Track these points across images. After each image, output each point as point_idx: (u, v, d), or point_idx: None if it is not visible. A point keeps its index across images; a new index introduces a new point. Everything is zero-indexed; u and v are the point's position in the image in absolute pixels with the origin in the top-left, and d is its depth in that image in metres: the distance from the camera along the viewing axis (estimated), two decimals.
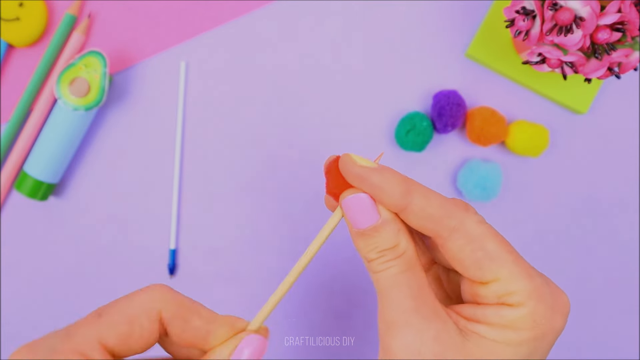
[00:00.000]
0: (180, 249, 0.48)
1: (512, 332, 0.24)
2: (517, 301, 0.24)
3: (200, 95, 0.48)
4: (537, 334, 0.24)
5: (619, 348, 0.48)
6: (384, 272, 0.26)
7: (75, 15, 0.47)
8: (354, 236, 0.27)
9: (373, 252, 0.26)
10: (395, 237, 0.26)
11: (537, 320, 0.24)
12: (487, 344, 0.24)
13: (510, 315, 0.24)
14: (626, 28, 0.35)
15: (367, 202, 0.26)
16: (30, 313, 0.48)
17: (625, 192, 0.48)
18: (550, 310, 0.25)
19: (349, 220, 0.27)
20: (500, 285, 0.25)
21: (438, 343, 0.24)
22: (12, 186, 0.48)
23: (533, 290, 0.24)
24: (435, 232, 0.25)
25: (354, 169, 0.26)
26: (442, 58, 0.48)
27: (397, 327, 0.25)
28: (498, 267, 0.25)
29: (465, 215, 0.25)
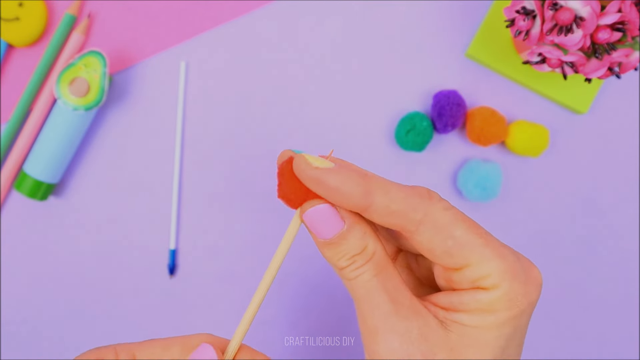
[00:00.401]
0: (180, 249, 0.48)
1: (491, 315, 0.24)
2: (492, 283, 0.24)
3: (200, 95, 0.48)
4: (516, 312, 0.24)
5: (619, 348, 0.48)
6: (357, 279, 0.25)
7: (75, 15, 0.47)
8: (319, 246, 0.26)
9: (343, 259, 0.25)
10: (363, 241, 0.25)
11: (513, 299, 0.24)
12: (469, 332, 0.24)
13: (487, 298, 0.24)
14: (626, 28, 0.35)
15: (329, 211, 0.25)
16: (30, 313, 0.48)
17: (625, 192, 0.48)
18: (524, 285, 0.24)
19: (312, 232, 0.25)
20: (472, 270, 0.24)
21: (423, 341, 0.24)
22: (11, 186, 0.47)
23: (506, 270, 0.24)
24: (401, 226, 0.24)
25: (308, 171, 0.24)
26: (442, 58, 0.48)
27: (380, 333, 0.24)
28: (468, 252, 0.24)
29: (429, 205, 0.24)
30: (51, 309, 0.48)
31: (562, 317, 0.48)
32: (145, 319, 0.48)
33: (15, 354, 0.48)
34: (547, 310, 0.48)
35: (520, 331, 0.25)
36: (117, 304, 0.48)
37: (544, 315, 0.48)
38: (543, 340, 0.48)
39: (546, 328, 0.48)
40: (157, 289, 0.48)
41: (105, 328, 0.48)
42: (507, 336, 0.24)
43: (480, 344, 0.24)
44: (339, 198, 0.24)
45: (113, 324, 0.48)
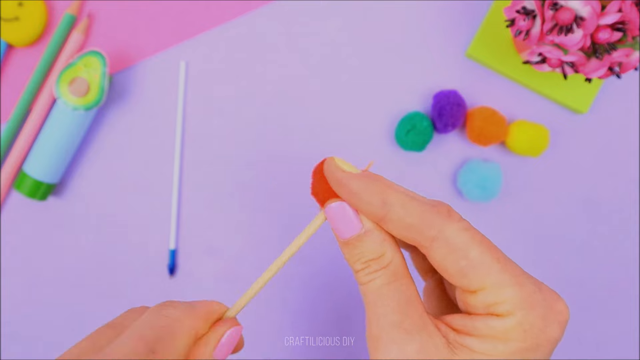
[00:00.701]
0: (180, 249, 0.48)
1: (501, 344, 0.23)
2: (506, 310, 0.23)
3: (200, 95, 0.48)
4: (530, 345, 0.23)
5: (619, 348, 0.48)
6: (370, 283, 0.25)
7: (74, 15, 0.47)
8: (340, 245, 0.27)
9: (358, 262, 0.26)
10: (380, 247, 0.25)
11: (527, 330, 0.23)
12: (475, 357, 0.24)
13: (499, 325, 0.23)
14: (627, 28, 0.35)
15: (349, 211, 0.26)
16: (30, 313, 0.48)
17: (625, 192, 0.48)
18: (543, 319, 0.23)
19: (333, 230, 0.26)
20: (487, 295, 0.24)
21: (421, 357, 0.24)
22: (11, 186, 0.47)
23: (523, 299, 0.23)
24: (417, 241, 0.25)
25: (335, 173, 0.26)
26: (442, 58, 0.48)
27: (381, 342, 0.24)
28: (483, 275, 0.24)
29: (446, 223, 0.24)
30: (51, 309, 0.48)
31: None
32: None
33: (15, 354, 0.48)
34: None
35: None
36: (117, 304, 0.48)
37: None
38: None
39: None
40: (157, 289, 0.48)
41: None
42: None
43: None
44: (358, 203, 0.25)
45: None
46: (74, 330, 0.48)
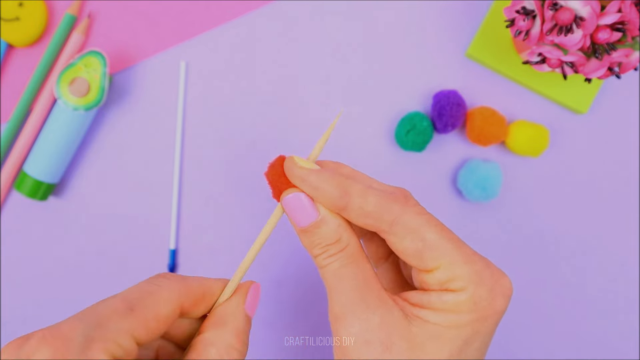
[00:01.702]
0: (180, 249, 0.48)
1: (454, 315, 0.25)
2: (459, 286, 0.26)
3: (200, 95, 0.48)
4: (479, 316, 0.26)
5: (619, 348, 0.48)
6: (329, 266, 0.27)
7: (75, 15, 0.47)
8: (298, 234, 0.28)
9: (317, 248, 0.27)
10: (336, 232, 0.27)
11: (477, 303, 0.25)
12: (430, 327, 0.26)
13: (452, 299, 0.26)
14: (626, 28, 0.35)
15: (305, 200, 0.27)
16: (30, 313, 0.48)
17: (625, 192, 0.48)
18: (491, 292, 0.26)
19: (291, 219, 0.28)
20: (442, 273, 0.26)
21: (383, 329, 0.26)
22: (12, 186, 0.47)
23: (473, 275, 0.26)
24: (376, 227, 0.27)
25: (295, 170, 0.27)
26: (442, 58, 0.48)
27: (344, 318, 0.26)
28: (439, 255, 0.26)
29: (403, 208, 0.26)
30: (51, 309, 0.48)
31: (561, 317, 0.48)
32: None
33: None
34: (547, 310, 0.48)
35: (482, 336, 0.26)
36: None
37: (544, 315, 0.48)
38: (543, 340, 0.48)
39: (546, 328, 0.48)
40: None
41: None
42: (466, 337, 0.26)
43: (439, 340, 0.26)
44: (318, 196, 0.27)
45: None
46: None
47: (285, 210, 0.28)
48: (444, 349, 0.26)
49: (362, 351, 0.26)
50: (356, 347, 0.26)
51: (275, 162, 0.29)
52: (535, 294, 0.48)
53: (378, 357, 0.26)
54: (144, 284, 0.26)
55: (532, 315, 0.48)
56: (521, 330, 0.48)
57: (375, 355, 0.26)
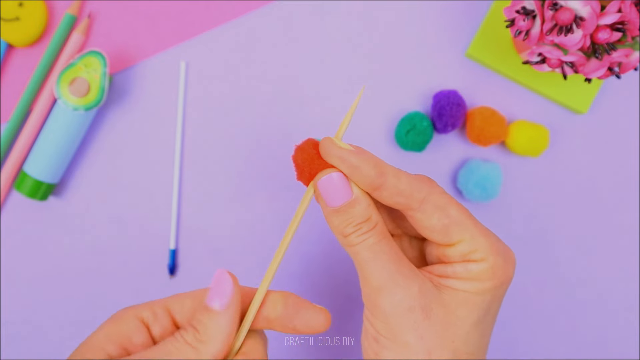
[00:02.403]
0: (180, 249, 0.48)
1: (478, 283, 0.28)
2: (480, 257, 0.29)
3: (200, 95, 0.48)
4: (497, 282, 0.29)
5: (619, 348, 0.48)
6: (363, 243, 0.29)
7: (75, 15, 0.47)
8: (328, 215, 0.30)
9: (349, 226, 0.29)
10: (368, 211, 0.29)
11: (496, 272, 0.29)
12: (459, 295, 0.28)
13: (476, 269, 0.29)
14: (626, 28, 0.35)
15: (342, 180, 0.29)
16: (30, 313, 0.48)
17: (625, 192, 0.48)
18: (504, 262, 0.29)
19: (323, 200, 0.29)
20: (465, 245, 0.29)
21: (422, 296, 0.28)
22: (12, 186, 0.47)
23: (491, 247, 0.29)
24: (407, 204, 0.29)
25: (335, 150, 0.29)
26: (442, 58, 0.48)
27: (386, 288, 0.28)
28: (462, 230, 0.29)
29: (430, 188, 0.29)
30: (51, 309, 0.48)
31: (561, 317, 0.48)
32: None
33: (15, 354, 0.48)
34: (547, 310, 0.48)
35: (498, 301, 0.30)
36: (117, 303, 0.48)
37: (544, 314, 0.48)
38: (543, 340, 0.48)
39: (546, 328, 0.48)
40: (157, 289, 0.48)
41: None
42: (488, 302, 0.29)
43: (469, 305, 0.28)
44: (358, 175, 0.28)
45: None
46: (74, 330, 0.48)
47: (318, 190, 0.29)
48: (473, 313, 0.28)
49: (405, 317, 0.28)
50: (398, 314, 0.28)
51: (304, 144, 0.30)
52: (535, 294, 0.48)
53: (420, 322, 0.28)
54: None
55: (532, 315, 0.48)
56: (521, 330, 0.48)
57: (417, 320, 0.28)
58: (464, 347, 0.28)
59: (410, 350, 0.28)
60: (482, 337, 0.29)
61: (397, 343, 0.28)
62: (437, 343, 0.28)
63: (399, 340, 0.28)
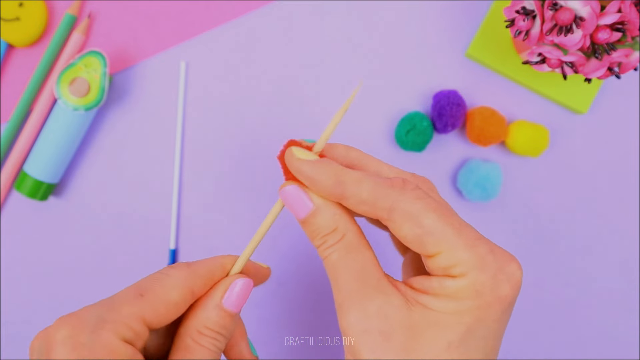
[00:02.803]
0: (180, 249, 0.48)
1: (454, 302, 0.25)
2: (460, 272, 0.25)
3: (200, 95, 0.48)
4: (481, 303, 0.25)
5: (619, 348, 0.48)
6: (328, 258, 0.27)
7: (75, 15, 0.47)
8: (301, 225, 0.29)
9: (317, 238, 0.28)
10: (332, 222, 0.27)
11: (479, 290, 0.25)
12: (430, 314, 0.25)
13: (453, 285, 0.25)
14: (626, 28, 0.35)
15: (298, 192, 0.28)
16: (31, 313, 0.48)
17: (625, 192, 0.48)
18: (493, 279, 0.25)
19: (291, 211, 0.29)
20: (443, 258, 0.25)
21: (381, 318, 0.25)
22: (12, 186, 0.48)
23: (475, 260, 0.25)
24: (376, 215, 0.27)
25: (292, 162, 0.28)
26: (442, 58, 0.48)
27: (344, 308, 0.26)
28: (438, 240, 0.25)
29: (400, 194, 0.26)
30: (51, 309, 0.48)
31: (561, 317, 0.48)
32: None
33: (15, 354, 0.48)
34: (547, 310, 0.48)
35: (487, 325, 0.25)
36: None
37: (544, 315, 0.48)
38: (543, 339, 0.48)
39: (546, 328, 0.48)
40: None
41: None
42: (468, 325, 0.25)
43: (439, 327, 0.25)
44: (314, 186, 0.27)
45: None
46: None
47: (283, 201, 0.29)
48: (443, 337, 0.25)
49: (362, 340, 0.26)
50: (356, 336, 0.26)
51: (285, 147, 0.29)
52: (535, 294, 0.48)
53: (378, 346, 0.25)
54: (155, 274, 0.28)
55: (532, 315, 0.48)
56: (521, 329, 0.48)
57: (375, 344, 0.25)
58: None
59: None
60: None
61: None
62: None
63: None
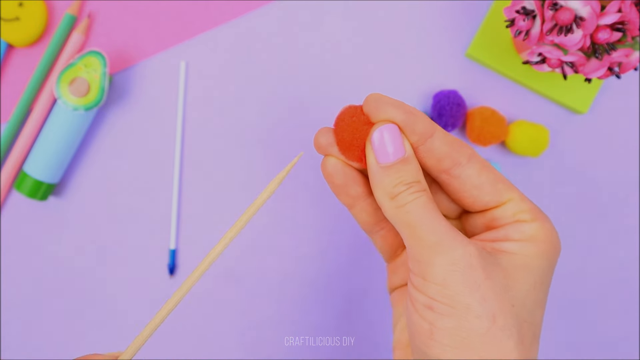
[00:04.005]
0: (180, 249, 0.48)
1: (533, 245, 0.26)
2: (531, 217, 0.27)
3: (200, 95, 0.48)
4: (551, 245, 0.27)
5: (619, 348, 0.48)
6: (416, 200, 0.26)
7: (75, 15, 0.47)
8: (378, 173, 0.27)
9: (400, 185, 0.27)
10: (419, 172, 0.27)
11: (547, 234, 0.27)
12: (515, 258, 0.26)
13: (529, 229, 0.27)
14: (626, 28, 0.35)
15: (397, 133, 0.27)
16: (30, 313, 0.48)
17: (625, 192, 0.48)
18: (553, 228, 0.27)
19: (374, 155, 0.27)
20: (514, 204, 0.27)
21: (481, 255, 0.25)
22: (12, 186, 0.48)
23: (537, 210, 0.27)
24: (456, 158, 0.27)
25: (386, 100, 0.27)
26: (442, 58, 0.48)
27: (444, 244, 0.25)
28: (509, 188, 0.27)
29: (472, 148, 0.28)
30: (51, 309, 0.48)
31: (561, 317, 0.48)
32: (146, 319, 0.48)
33: (15, 354, 0.48)
34: (546, 310, 0.48)
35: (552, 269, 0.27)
36: (117, 303, 0.48)
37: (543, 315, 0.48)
38: (542, 340, 0.48)
39: (545, 327, 0.48)
40: (157, 289, 0.48)
41: (106, 328, 0.48)
42: (545, 267, 0.27)
43: (527, 269, 0.26)
44: (414, 122, 0.27)
45: (113, 324, 0.48)
46: (74, 330, 0.48)
47: (372, 144, 0.27)
48: (530, 277, 0.26)
49: (467, 276, 0.25)
50: (459, 271, 0.25)
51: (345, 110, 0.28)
52: None
53: (482, 282, 0.25)
54: None
55: None
56: None
57: (478, 280, 0.25)
58: (523, 313, 0.26)
59: (473, 314, 0.24)
60: (538, 305, 0.27)
61: (457, 307, 0.25)
62: (500, 307, 0.25)
63: (459, 304, 0.25)
